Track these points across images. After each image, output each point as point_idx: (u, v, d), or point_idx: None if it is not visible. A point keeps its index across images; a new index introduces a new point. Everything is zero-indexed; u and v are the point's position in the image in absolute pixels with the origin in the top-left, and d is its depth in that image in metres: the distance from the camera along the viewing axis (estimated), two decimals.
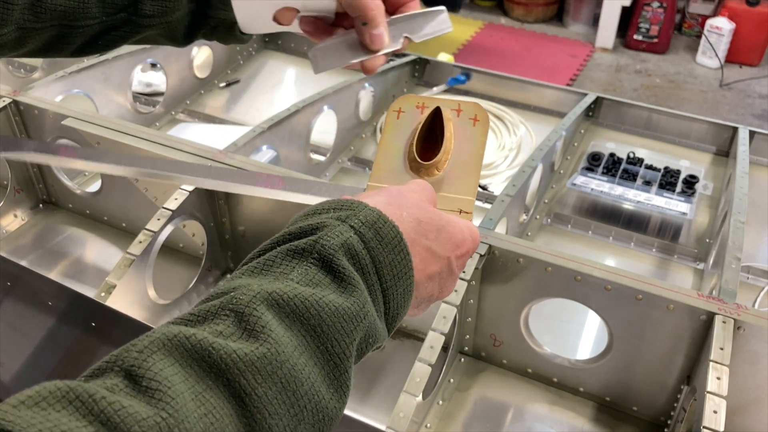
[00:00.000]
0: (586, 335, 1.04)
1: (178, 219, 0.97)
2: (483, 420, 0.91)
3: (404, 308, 0.43)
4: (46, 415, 0.27)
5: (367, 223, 0.41)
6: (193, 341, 0.32)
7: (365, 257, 0.40)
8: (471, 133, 0.58)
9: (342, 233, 0.39)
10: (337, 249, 0.38)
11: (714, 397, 0.69)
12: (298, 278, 0.37)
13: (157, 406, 0.29)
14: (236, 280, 0.38)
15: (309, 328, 0.35)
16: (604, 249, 1.22)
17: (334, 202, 0.43)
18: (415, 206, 0.45)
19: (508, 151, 1.43)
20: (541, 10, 4.55)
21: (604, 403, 0.93)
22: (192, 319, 0.35)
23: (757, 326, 0.76)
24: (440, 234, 0.46)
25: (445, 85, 1.64)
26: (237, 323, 0.34)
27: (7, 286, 0.76)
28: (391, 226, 0.41)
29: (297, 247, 0.39)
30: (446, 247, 0.46)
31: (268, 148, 1.24)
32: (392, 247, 0.41)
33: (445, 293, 0.49)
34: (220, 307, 0.35)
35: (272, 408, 0.32)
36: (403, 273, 0.42)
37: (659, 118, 1.47)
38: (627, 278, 0.82)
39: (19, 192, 1.24)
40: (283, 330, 0.34)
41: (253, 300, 0.35)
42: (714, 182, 1.34)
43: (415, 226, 0.44)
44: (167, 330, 0.32)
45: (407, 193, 0.47)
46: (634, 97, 3.64)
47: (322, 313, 0.36)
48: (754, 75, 3.92)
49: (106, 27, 0.56)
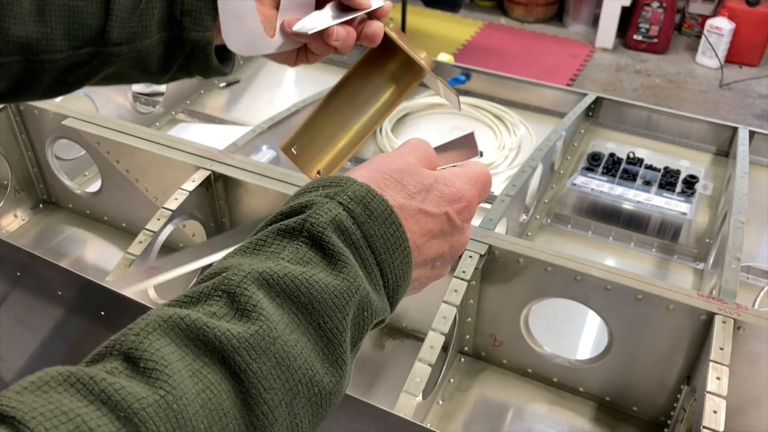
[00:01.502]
0: (586, 335, 1.04)
1: (178, 219, 0.97)
2: (483, 420, 0.91)
3: (405, 279, 0.43)
4: (48, 398, 0.28)
5: (356, 199, 0.41)
6: (188, 321, 0.33)
7: (355, 232, 0.40)
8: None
9: (330, 210, 0.40)
10: (326, 226, 0.39)
11: (714, 397, 0.69)
12: (289, 257, 0.38)
13: (155, 385, 0.30)
14: (229, 260, 0.38)
15: (300, 306, 0.36)
16: (604, 249, 1.22)
17: (324, 180, 0.44)
18: (399, 170, 0.45)
19: (508, 151, 1.43)
20: (541, 10, 4.56)
21: (604, 403, 0.93)
22: (186, 301, 0.35)
23: (757, 326, 0.76)
24: (430, 193, 0.45)
25: None
26: (229, 303, 0.35)
27: (16, 276, 0.76)
28: (380, 199, 0.42)
29: (287, 226, 0.40)
30: (440, 203, 0.46)
31: (268, 148, 1.24)
32: (383, 220, 0.41)
33: (457, 248, 0.48)
34: (212, 288, 0.36)
35: (267, 383, 0.33)
36: (397, 245, 0.42)
37: (659, 118, 1.47)
38: (627, 278, 0.82)
39: (19, 192, 1.24)
40: (274, 308, 0.35)
41: (243, 280, 0.35)
42: (714, 182, 1.34)
43: (401, 190, 0.45)
44: (162, 312, 0.33)
45: (394, 158, 0.47)
46: (634, 97, 3.64)
47: (312, 291, 0.36)
48: (754, 75, 3.92)
49: (74, 61, 0.53)
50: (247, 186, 1.01)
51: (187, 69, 0.59)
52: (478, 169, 0.50)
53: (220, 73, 0.61)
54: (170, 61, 0.57)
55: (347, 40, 0.58)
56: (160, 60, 0.57)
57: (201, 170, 1.01)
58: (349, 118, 0.61)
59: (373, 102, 0.61)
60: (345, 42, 0.58)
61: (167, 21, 0.55)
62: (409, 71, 0.60)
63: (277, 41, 0.60)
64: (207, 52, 0.57)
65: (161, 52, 0.56)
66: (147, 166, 1.09)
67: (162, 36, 0.55)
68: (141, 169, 1.10)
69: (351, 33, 0.59)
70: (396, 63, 0.60)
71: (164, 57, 0.57)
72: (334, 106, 0.61)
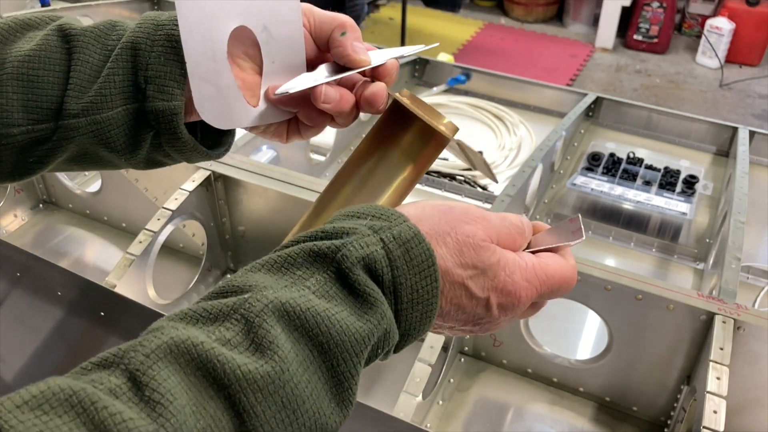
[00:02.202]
0: (586, 335, 1.04)
1: (178, 219, 0.97)
2: (483, 420, 0.91)
3: (418, 331, 0.41)
4: (47, 421, 0.27)
5: (400, 240, 0.39)
6: (200, 350, 0.32)
7: (386, 274, 0.38)
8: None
9: (368, 245, 0.38)
10: (356, 262, 0.37)
11: (714, 397, 0.69)
12: (315, 287, 0.37)
13: (158, 421, 0.29)
14: (254, 275, 0.37)
15: (317, 344, 0.35)
16: (604, 249, 1.22)
17: (375, 208, 0.41)
18: (467, 235, 0.42)
19: (508, 151, 1.43)
20: (541, 10, 4.56)
21: (604, 403, 0.93)
22: (204, 316, 0.35)
23: (757, 326, 0.76)
24: (483, 274, 0.42)
25: (445, 85, 1.64)
26: (245, 332, 0.34)
27: (16, 277, 0.76)
28: (425, 248, 0.39)
29: (320, 249, 0.38)
30: (486, 288, 0.43)
31: (268, 148, 1.24)
32: (419, 270, 0.39)
33: (483, 331, 0.46)
34: (232, 309, 0.35)
35: (268, 426, 0.33)
36: (424, 298, 0.39)
37: (659, 118, 1.47)
38: (627, 278, 0.82)
39: (19, 192, 1.25)
40: (290, 345, 0.34)
41: (264, 310, 0.34)
42: (714, 182, 1.34)
43: (456, 256, 0.41)
44: (176, 334, 0.32)
45: (476, 221, 0.43)
46: (634, 97, 3.64)
47: (332, 331, 0.35)
48: (754, 75, 3.92)
49: (33, 138, 0.48)
50: (247, 186, 1.01)
51: (161, 148, 0.52)
52: (557, 268, 0.45)
53: (204, 155, 0.53)
54: (138, 137, 0.50)
55: (340, 103, 0.50)
56: (127, 135, 0.50)
57: (201, 170, 1.01)
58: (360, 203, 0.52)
59: (389, 182, 0.51)
60: (338, 106, 0.50)
61: (132, 90, 0.48)
62: (428, 141, 0.51)
63: (261, 112, 0.52)
64: (174, 124, 0.49)
65: (127, 125, 0.49)
66: None
67: (128, 108, 0.49)
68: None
69: (345, 96, 0.50)
70: (411, 133, 0.51)
71: (131, 132, 0.50)
72: (344, 191, 0.52)
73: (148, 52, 0.48)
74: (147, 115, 0.49)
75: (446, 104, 1.58)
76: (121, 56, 0.48)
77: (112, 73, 0.48)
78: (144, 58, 0.48)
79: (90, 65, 0.48)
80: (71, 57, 0.48)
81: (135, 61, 0.48)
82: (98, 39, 0.49)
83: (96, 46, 0.49)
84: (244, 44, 0.50)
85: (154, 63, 0.48)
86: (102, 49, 0.49)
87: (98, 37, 0.49)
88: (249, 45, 0.50)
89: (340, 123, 0.53)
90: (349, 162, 0.53)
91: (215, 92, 0.49)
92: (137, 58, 0.48)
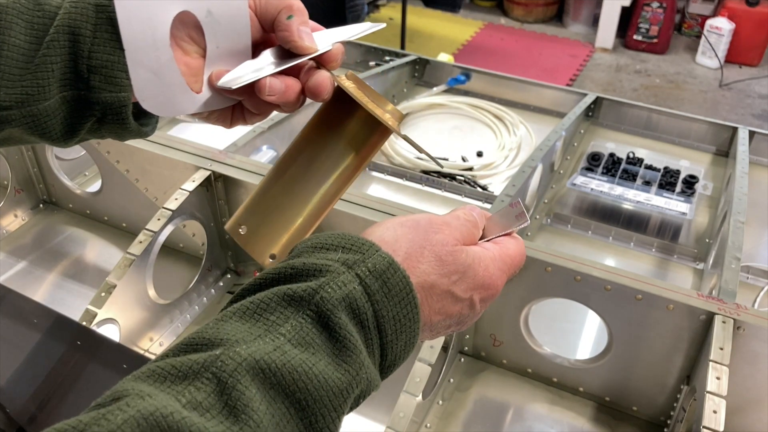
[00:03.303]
0: (586, 335, 1.04)
1: (178, 219, 0.97)
2: (483, 420, 0.91)
3: (403, 358, 0.41)
4: None
5: (375, 273, 0.38)
6: (171, 422, 0.30)
7: (368, 311, 0.37)
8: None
9: (345, 284, 0.37)
10: (337, 304, 0.36)
11: (714, 397, 0.69)
12: (290, 334, 0.35)
13: None
14: (225, 325, 0.35)
15: (294, 401, 0.33)
16: (604, 249, 1.22)
17: (345, 238, 0.40)
18: (440, 243, 0.42)
19: (508, 151, 1.43)
20: (541, 10, 4.56)
21: (604, 403, 0.93)
22: (173, 373, 0.32)
23: (757, 326, 0.76)
24: (464, 276, 0.43)
25: (445, 85, 1.64)
26: (218, 393, 0.32)
27: None
28: (401, 275, 0.39)
29: (295, 293, 0.36)
30: (469, 288, 0.44)
31: (268, 148, 1.24)
32: (399, 300, 0.38)
33: (464, 326, 0.47)
34: (203, 367, 0.32)
35: None
36: (407, 327, 0.39)
37: (659, 118, 1.47)
38: (627, 278, 0.82)
39: (19, 192, 1.25)
40: (266, 406, 0.32)
41: (238, 369, 0.32)
42: (714, 182, 1.34)
43: (437, 268, 0.42)
44: (143, 406, 0.30)
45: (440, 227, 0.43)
46: (634, 97, 3.64)
47: (310, 386, 0.34)
48: (754, 75, 3.93)
49: None
50: (247, 186, 1.01)
51: (99, 132, 0.49)
52: (515, 250, 0.47)
53: (138, 135, 0.51)
54: (77, 125, 0.47)
55: (287, 94, 0.48)
56: (64, 124, 0.47)
57: (201, 170, 1.01)
58: (305, 190, 0.50)
59: (332, 170, 0.50)
60: (284, 96, 0.48)
61: (72, 78, 0.45)
62: (373, 130, 0.50)
63: (205, 98, 0.50)
64: (123, 115, 0.47)
65: (64, 114, 0.46)
66: (147, 166, 1.09)
67: (64, 96, 0.45)
68: (141, 169, 1.10)
69: (291, 86, 0.48)
70: (356, 121, 0.50)
71: (69, 120, 0.47)
72: (288, 176, 0.51)
73: (90, 38, 0.45)
74: (91, 106, 0.46)
75: (446, 104, 1.58)
76: (58, 41, 0.44)
77: (48, 61, 0.44)
78: (85, 45, 0.45)
79: (17, 48, 0.43)
80: None
81: (74, 48, 0.45)
82: (21, 16, 0.44)
83: (20, 25, 0.44)
84: (187, 27, 0.48)
85: (98, 51, 0.45)
86: (28, 29, 0.44)
87: (21, 13, 0.44)
88: (193, 28, 0.48)
89: (285, 110, 0.51)
90: (294, 146, 0.51)
91: (156, 80, 0.46)
92: (77, 44, 0.45)
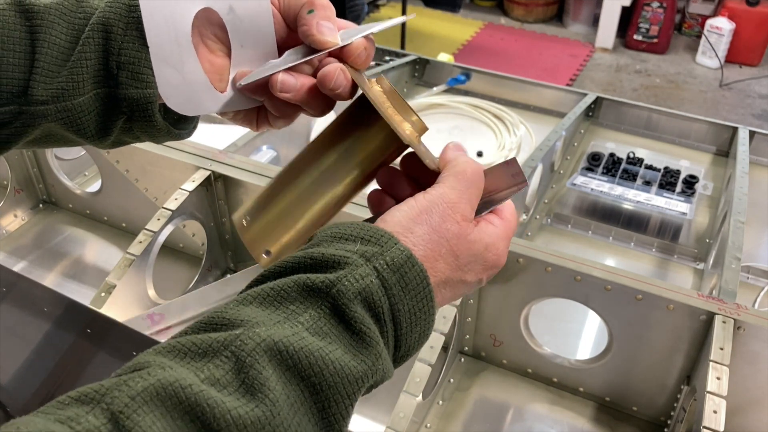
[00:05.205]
0: (586, 335, 1.04)
1: (178, 219, 0.97)
2: (483, 420, 0.91)
3: (417, 349, 0.41)
4: None
5: (393, 266, 0.38)
6: (189, 393, 0.31)
7: (384, 304, 0.38)
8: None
9: (363, 277, 0.37)
10: (353, 297, 0.36)
11: (714, 397, 0.69)
12: (308, 323, 0.36)
13: None
14: (246, 309, 0.36)
15: (309, 385, 0.34)
16: (604, 249, 1.22)
17: (364, 229, 0.40)
18: (456, 237, 0.42)
19: (508, 151, 1.43)
20: (541, 10, 4.56)
21: (604, 403, 0.93)
22: (193, 350, 0.33)
23: (757, 326, 0.76)
24: (476, 263, 0.44)
25: (445, 85, 1.64)
26: (236, 372, 0.33)
27: (2, 291, 0.76)
28: (418, 270, 0.39)
29: (313, 283, 0.37)
30: (480, 271, 0.44)
31: (268, 148, 1.24)
32: (415, 294, 0.39)
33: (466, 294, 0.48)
34: (222, 345, 0.33)
35: None
36: (422, 319, 0.40)
37: (659, 118, 1.47)
38: (627, 278, 0.82)
39: (19, 192, 1.24)
40: (281, 386, 0.33)
41: (256, 349, 0.33)
42: (714, 182, 1.34)
43: (453, 262, 0.42)
44: (163, 376, 0.31)
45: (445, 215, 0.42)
46: (634, 97, 3.64)
47: (325, 372, 0.34)
48: (754, 75, 3.92)
49: None
50: (247, 186, 1.01)
51: (132, 132, 0.49)
52: (512, 216, 0.47)
53: (174, 136, 0.50)
54: (109, 123, 0.48)
55: (301, 91, 0.46)
56: (98, 120, 0.47)
57: (201, 170, 1.01)
58: (314, 194, 0.48)
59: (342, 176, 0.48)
60: (298, 94, 0.46)
61: (104, 75, 0.46)
62: (392, 139, 0.46)
63: (228, 98, 0.48)
64: (149, 112, 0.47)
65: (98, 111, 0.47)
66: (147, 166, 1.09)
67: (98, 93, 0.46)
68: (141, 169, 1.10)
69: (306, 83, 0.46)
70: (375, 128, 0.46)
71: (102, 118, 0.47)
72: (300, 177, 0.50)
73: (121, 36, 0.45)
74: (120, 103, 0.46)
75: (446, 104, 1.58)
76: (93, 38, 0.45)
77: (83, 58, 0.45)
78: (116, 42, 0.45)
79: (57, 47, 0.44)
80: (34, 37, 0.44)
81: (107, 45, 0.45)
82: (63, 17, 0.45)
83: (62, 25, 0.45)
84: (213, 25, 0.48)
85: (127, 48, 0.45)
86: (69, 29, 0.45)
87: (63, 14, 0.45)
88: (218, 26, 0.48)
89: (311, 113, 0.48)
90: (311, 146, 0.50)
91: (179, 77, 0.46)
92: (109, 42, 0.45)
